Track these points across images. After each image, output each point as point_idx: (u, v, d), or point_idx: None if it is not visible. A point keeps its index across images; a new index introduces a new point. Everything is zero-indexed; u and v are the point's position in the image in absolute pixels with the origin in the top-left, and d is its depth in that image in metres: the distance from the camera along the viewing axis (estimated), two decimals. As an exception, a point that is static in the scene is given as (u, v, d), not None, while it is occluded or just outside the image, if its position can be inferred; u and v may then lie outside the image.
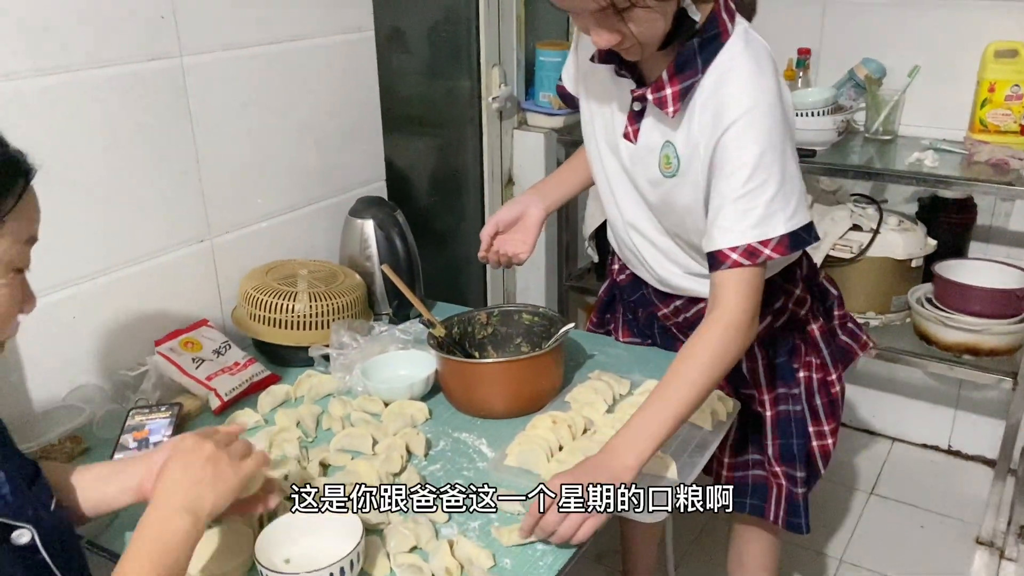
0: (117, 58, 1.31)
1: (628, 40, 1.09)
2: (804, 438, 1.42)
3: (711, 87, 1.12)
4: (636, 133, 1.23)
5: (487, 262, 1.47)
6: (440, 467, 1.19)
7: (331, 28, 1.69)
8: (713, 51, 1.12)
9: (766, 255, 1.10)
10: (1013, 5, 2.08)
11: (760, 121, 1.09)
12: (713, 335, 1.11)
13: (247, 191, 1.58)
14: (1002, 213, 2.26)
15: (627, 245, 1.39)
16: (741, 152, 1.09)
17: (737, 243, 1.11)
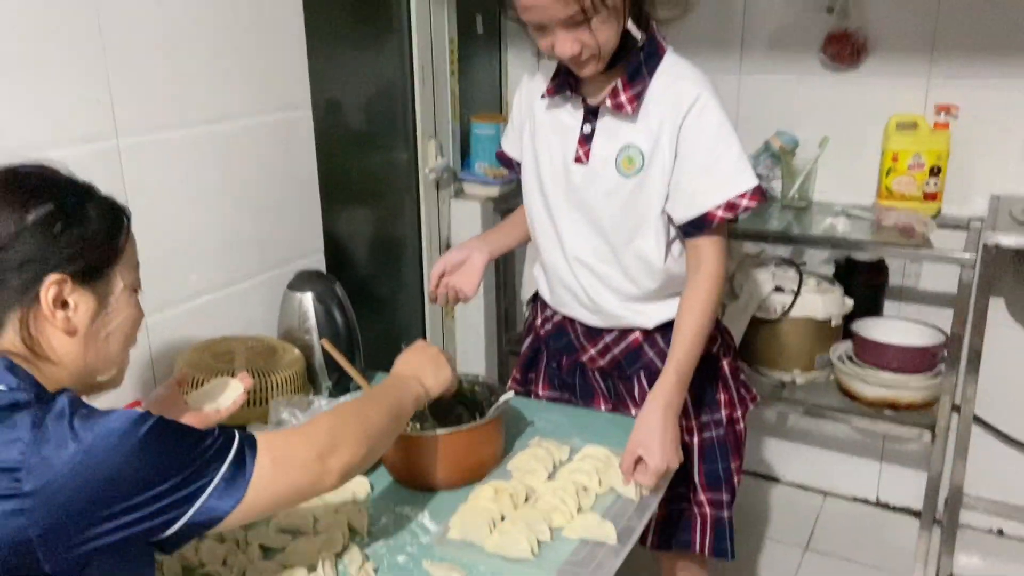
0: (52, 141, 1.32)
1: (587, 50, 1.27)
2: (727, 460, 1.54)
3: (661, 88, 1.34)
4: (588, 153, 1.40)
5: (434, 300, 1.60)
6: (383, 544, 1.19)
7: (268, 106, 1.73)
8: (655, 63, 1.36)
9: (744, 205, 1.33)
10: (911, 81, 2.25)
11: (711, 101, 1.33)
12: (704, 288, 1.36)
13: (182, 267, 1.58)
14: (912, 274, 2.39)
15: (565, 284, 1.51)
16: (704, 127, 1.32)
17: (719, 200, 1.32)
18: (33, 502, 0.77)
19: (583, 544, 1.15)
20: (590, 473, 1.29)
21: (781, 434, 2.70)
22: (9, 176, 0.88)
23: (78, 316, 0.89)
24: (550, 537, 1.16)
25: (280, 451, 0.92)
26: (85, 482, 0.78)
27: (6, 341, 0.87)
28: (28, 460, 0.77)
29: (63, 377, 0.90)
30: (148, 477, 0.82)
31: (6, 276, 0.84)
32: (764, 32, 2.39)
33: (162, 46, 1.48)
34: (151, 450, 0.82)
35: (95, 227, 0.90)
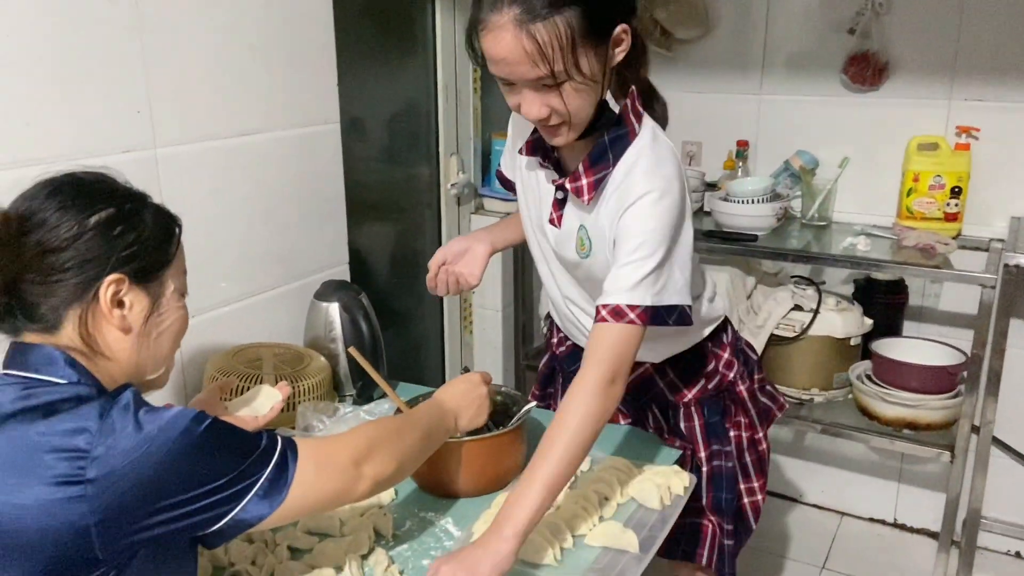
0: (93, 150, 1.36)
1: (556, 116, 1.17)
2: (734, 494, 1.53)
3: (620, 178, 1.23)
4: (560, 219, 1.34)
5: (434, 290, 1.52)
6: (408, 547, 1.21)
7: (298, 121, 1.77)
8: (623, 147, 1.24)
9: (629, 318, 1.17)
10: (932, 103, 2.27)
11: (655, 205, 1.19)
12: (581, 394, 1.16)
13: (213, 275, 1.62)
14: (932, 294, 2.40)
15: (566, 316, 1.49)
16: (633, 226, 1.19)
17: (608, 302, 1.19)
18: (95, 489, 0.80)
19: (605, 552, 1.17)
20: (611, 483, 1.31)
21: (798, 453, 2.70)
22: (72, 181, 0.93)
23: (133, 315, 0.93)
24: (572, 544, 1.18)
25: (323, 456, 0.97)
26: (145, 473, 0.82)
27: (64, 337, 0.90)
28: (94, 448, 0.81)
29: (116, 373, 0.94)
30: (202, 473, 0.85)
31: (68, 274, 0.88)
32: (785, 53, 2.42)
33: (199, 60, 1.53)
34: (207, 448, 0.86)
35: (150, 232, 0.95)
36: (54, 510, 0.79)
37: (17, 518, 0.79)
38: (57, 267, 0.88)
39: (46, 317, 0.89)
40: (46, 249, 0.87)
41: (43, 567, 0.80)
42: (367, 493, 1.01)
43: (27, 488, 0.80)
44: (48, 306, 0.89)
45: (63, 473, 0.80)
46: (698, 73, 2.53)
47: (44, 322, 0.90)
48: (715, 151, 2.55)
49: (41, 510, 0.79)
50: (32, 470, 0.80)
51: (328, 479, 0.96)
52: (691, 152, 2.61)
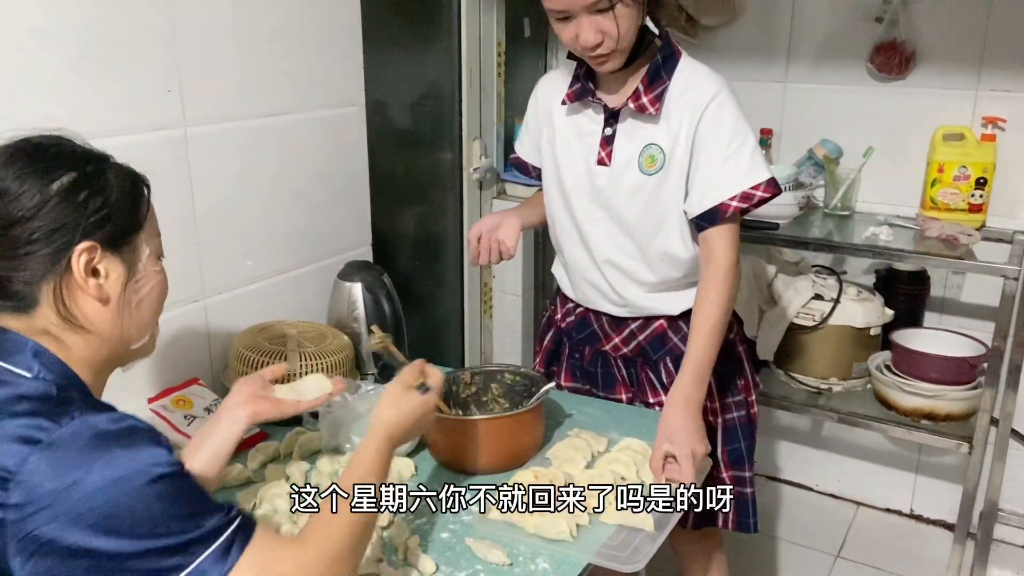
0: (125, 128, 1.39)
1: (608, 41, 1.32)
2: (750, 439, 1.60)
3: (679, 90, 1.40)
4: (610, 155, 1.45)
5: (475, 260, 1.61)
6: (426, 520, 1.23)
7: (325, 102, 1.79)
8: (672, 65, 1.42)
9: (759, 196, 1.38)
10: (959, 93, 2.25)
11: (727, 100, 1.38)
12: (717, 281, 1.39)
13: (239, 254, 1.65)
14: (954, 285, 2.39)
15: (592, 281, 1.56)
16: (720, 123, 1.37)
17: (735, 191, 1.37)
18: (14, 516, 0.74)
19: (620, 529, 1.19)
20: (628, 464, 1.33)
21: (815, 443, 2.70)
22: (27, 147, 0.86)
23: (110, 283, 0.89)
24: (588, 522, 1.20)
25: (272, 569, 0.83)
26: (65, 511, 0.73)
27: (41, 318, 0.86)
28: (23, 469, 0.74)
29: (95, 349, 0.89)
30: (130, 530, 0.75)
31: (36, 246, 0.83)
32: (811, 41, 2.41)
33: (229, 40, 1.55)
34: (147, 503, 0.76)
35: (117, 194, 0.89)
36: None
37: None
38: (23, 239, 0.83)
39: (20, 294, 0.85)
40: (11, 221, 0.82)
41: None
42: None
43: None
44: (20, 281, 0.84)
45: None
46: (723, 60, 2.51)
47: (18, 300, 0.85)
48: (738, 139, 2.54)
49: None
50: None
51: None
52: (714, 140, 2.60)
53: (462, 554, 1.15)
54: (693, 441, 1.30)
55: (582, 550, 1.14)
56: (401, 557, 1.14)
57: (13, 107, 1.24)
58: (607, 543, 1.16)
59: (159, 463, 0.78)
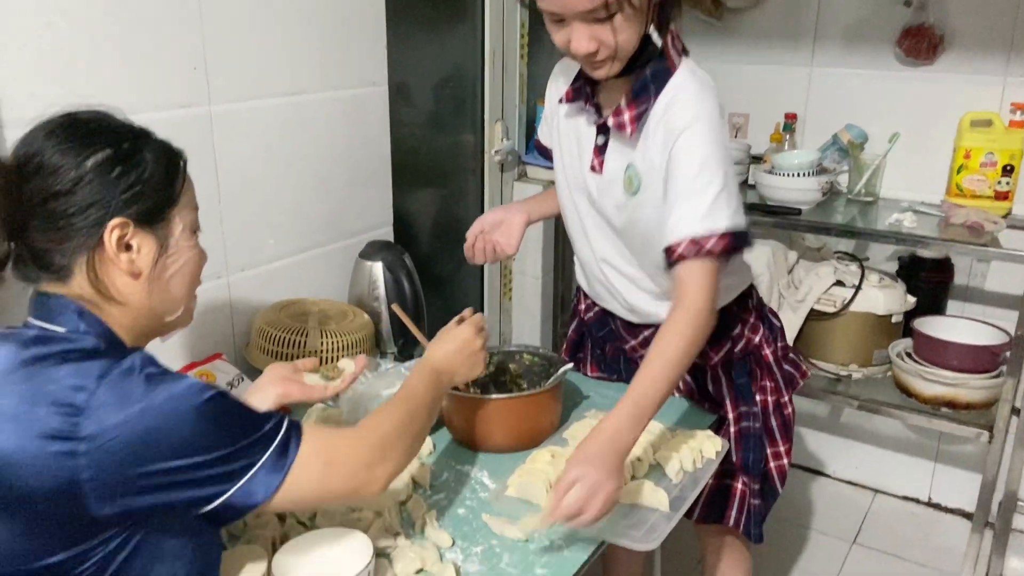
0: (151, 104, 1.41)
1: (604, 49, 1.20)
2: (760, 456, 1.55)
3: (662, 110, 1.26)
4: (601, 164, 1.37)
5: (471, 258, 1.57)
6: (444, 496, 1.25)
7: (348, 82, 1.80)
8: (663, 80, 1.27)
9: (708, 248, 1.20)
10: (987, 79, 2.22)
11: (705, 131, 1.23)
12: (681, 322, 1.21)
13: (261, 232, 1.67)
14: (978, 273, 2.36)
15: (599, 280, 1.51)
16: (689, 155, 1.22)
17: (683, 235, 1.21)
18: (88, 446, 0.79)
19: (636, 508, 1.20)
20: (643, 445, 1.33)
21: (833, 429, 2.69)
22: (66, 122, 0.89)
23: (141, 258, 0.91)
24: (604, 501, 1.21)
25: (334, 453, 0.94)
26: (137, 436, 0.80)
27: (75, 286, 0.89)
28: (89, 406, 0.79)
29: (131, 319, 0.92)
30: (198, 445, 0.83)
31: (71, 220, 0.86)
32: (838, 24, 2.38)
33: (254, 19, 1.56)
34: (207, 419, 0.84)
35: (152, 170, 0.91)
36: (49, 463, 0.79)
37: (17, 467, 0.79)
38: (60, 213, 0.86)
39: (57, 265, 0.88)
40: (48, 194, 0.85)
41: (44, 518, 0.80)
42: (379, 492, 0.99)
43: (26, 438, 0.79)
44: (58, 253, 0.87)
45: (56, 428, 0.79)
46: (748, 43, 2.50)
47: (56, 270, 0.88)
48: (762, 123, 2.53)
49: (38, 461, 0.79)
50: (33, 421, 0.80)
51: (338, 478, 0.94)
52: (737, 124, 2.58)
53: (478, 529, 1.17)
54: (604, 477, 1.09)
55: (597, 528, 1.15)
56: (419, 530, 1.16)
57: (40, 85, 1.26)
58: (622, 522, 1.17)
59: (209, 386, 0.86)
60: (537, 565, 1.09)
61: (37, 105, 1.24)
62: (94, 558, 0.83)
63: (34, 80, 1.25)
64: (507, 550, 1.12)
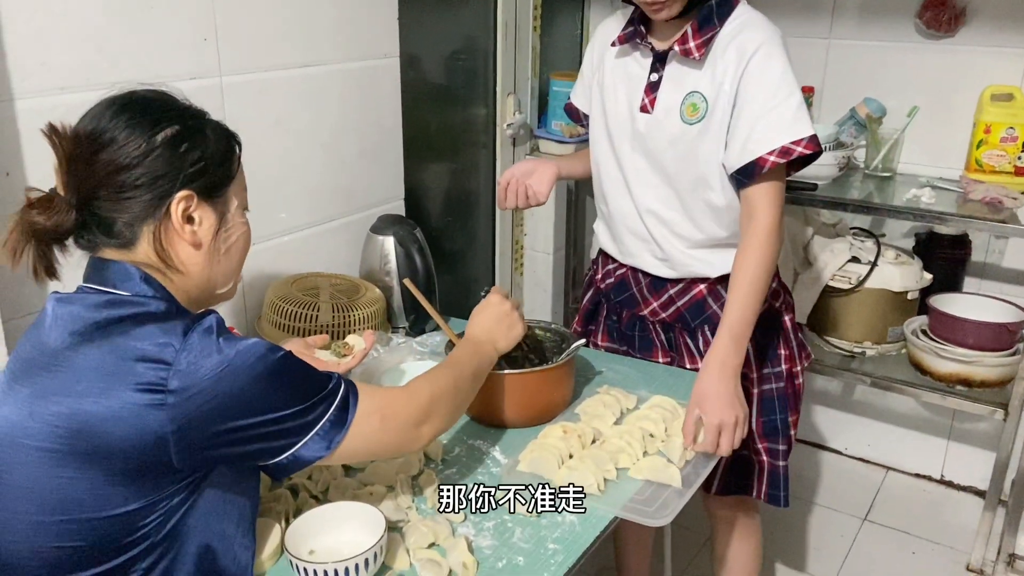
0: (161, 75, 1.39)
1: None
2: (785, 412, 1.57)
3: (729, 36, 1.36)
4: (653, 102, 1.42)
5: (503, 202, 1.61)
6: (456, 471, 1.25)
7: (359, 53, 1.78)
8: (727, 11, 1.37)
9: (799, 152, 1.32)
10: (1009, 51, 2.17)
11: (777, 49, 1.34)
12: (757, 241, 1.34)
13: (273, 205, 1.66)
14: (996, 250, 2.33)
15: (635, 231, 1.53)
16: (765, 73, 1.33)
17: (774, 145, 1.31)
18: (175, 399, 0.84)
19: (648, 484, 1.20)
20: (657, 421, 1.33)
21: (846, 406, 2.68)
22: (136, 99, 0.94)
23: (203, 230, 0.96)
24: (616, 476, 1.21)
25: (389, 409, 1.01)
26: (221, 391, 0.86)
27: (140, 253, 0.93)
28: (177, 361, 0.85)
29: (190, 287, 0.97)
30: (271, 402, 0.89)
31: (140, 191, 0.91)
32: (857, -5, 2.33)
33: (264, -11, 1.54)
34: (279, 378, 0.90)
35: (214, 148, 0.96)
36: (137, 414, 0.84)
37: (103, 420, 0.83)
38: (129, 184, 0.90)
39: (122, 233, 0.92)
40: (118, 166, 0.90)
41: (123, 469, 0.85)
42: (422, 448, 1.08)
43: (114, 392, 0.84)
44: (123, 222, 0.92)
45: (148, 381, 0.84)
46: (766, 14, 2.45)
47: (121, 238, 0.92)
48: (778, 97, 2.49)
49: (126, 413, 0.83)
50: (120, 375, 0.84)
51: (391, 433, 1.01)
52: (753, 97, 2.55)
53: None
54: (724, 409, 1.26)
55: (609, 504, 1.15)
56: (430, 505, 1.16)
57: (51, 55, 1.25)
58: (634, 497, 1.17)
59: (278, 347, 0.92)
60: (549, 540, 1.09)
61: (48, 75, 1.25)
62: (159, 510, 0.88)
63: (45, 50, 1.24)
64: (519, 525, 1.12)
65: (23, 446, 0.86)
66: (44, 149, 0.89)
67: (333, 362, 1.28)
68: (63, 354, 0.88)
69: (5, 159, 1.22)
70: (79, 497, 0.85)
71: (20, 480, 0.86)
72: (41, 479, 0.85)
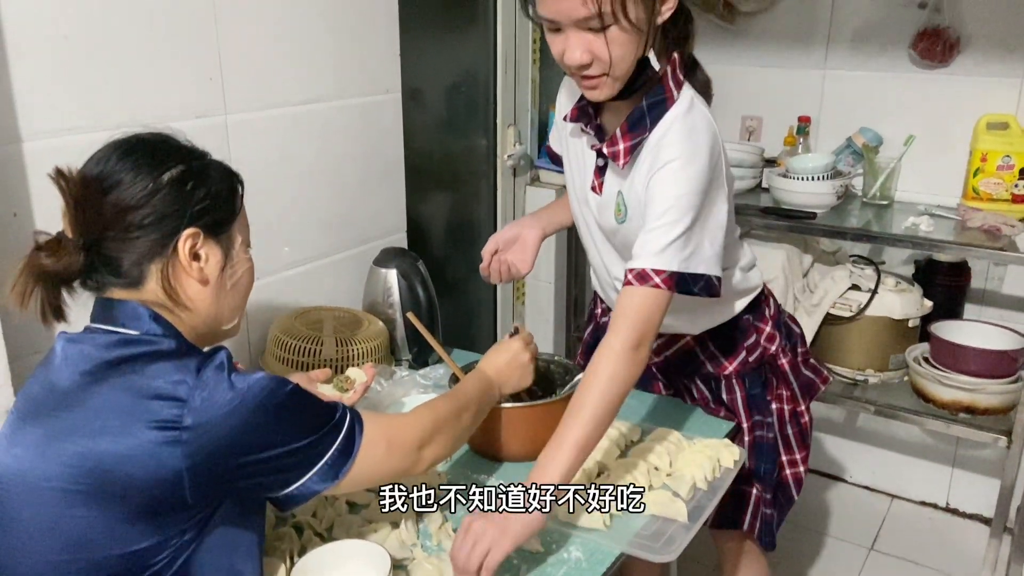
0: (169, 115, 1.41)
1: (598, 64, 1.17)
2: (774, 465, 1.55)
3: (654, 143, 1.24)
4: (601, 186, 1.37)
5: (487, 278, 1.58)
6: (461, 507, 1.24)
7: (361, 89, 1.80)
8: (659, 113, 1.24)
9: (653, 282, 1.18)
10: (1004, 81, 2.20)
11: (684, 170, 1.20)
12: (603, 361, 1.18)
13: (276, 240, 1.67)
14: (995, 277, 2.34)
15: (608, 284, 1.51)
16: (663, 190, 1.21)
17: (635, 266, 1.20)
18: (190, 436, 0.85)
19: (654, 519, 1.19)
20: (661, 454, 1.33)
21: (850, 434, 2.67)
22: (141, 142, 0.96)
23: (209, 266, 0.98)
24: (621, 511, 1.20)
25: (394, 434, 1.03)
26: (235, 427, 0.87)
27: (148, 292, 0.95)
28: (192, 399, 0.87)
29: (198, 323, 0.99)
30: (283, 435, 0.91)
31: (147, 230, 0.93)
32: (851, 27, 2.37)
33: (269, 29, 1.56)
34: (289, 412, 0.92)
35: (217, 186, 0.99)
36: (153, 452, 0.85)
37: (120, 458, 0.85)
38: (136, 224, 0.92)
39: (130, 272, 0.94)
40: (125, 207, 0.91)
41: (140, 507, 0.86)
42: (423, 472, 1.09)
43: (131, 430, 0.85)
44: (131, 261, 0.93)
45: (164, 418, 0.85)
46: (761, 47, 2.49)
47: (128, 277, 0.94)
48: (776, 127, 2.51)
49: (142, 451, 0.85)
50: (136, 413, 0.86)
51: (395, 458, 1.03)
52: (751, 127, 2.57)
53: (496, 540, 1.16)
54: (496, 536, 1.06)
55: (615, 539, 1.15)
56: (436, 543, 1.15)
57: (59, 96, 1.27)
58: (640, 533, 1.17)
59: (286, 380, 0.94)
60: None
61: (55, 115, 1.27)
62: (170, 547, 0.89)
63: (53, 91, 1.26)
64: (524, 561, 1.11)
65: (37, 487, 0.87)
66: (51, 190, 0.90)
67: (335, 397, 1.28)
68: (75, 394, 0.89)
69: (13, 200, 1.24)
70: (94, 536, 0.86)
71: (35, 520, 0.87)
72: (57, 519, 0.86)
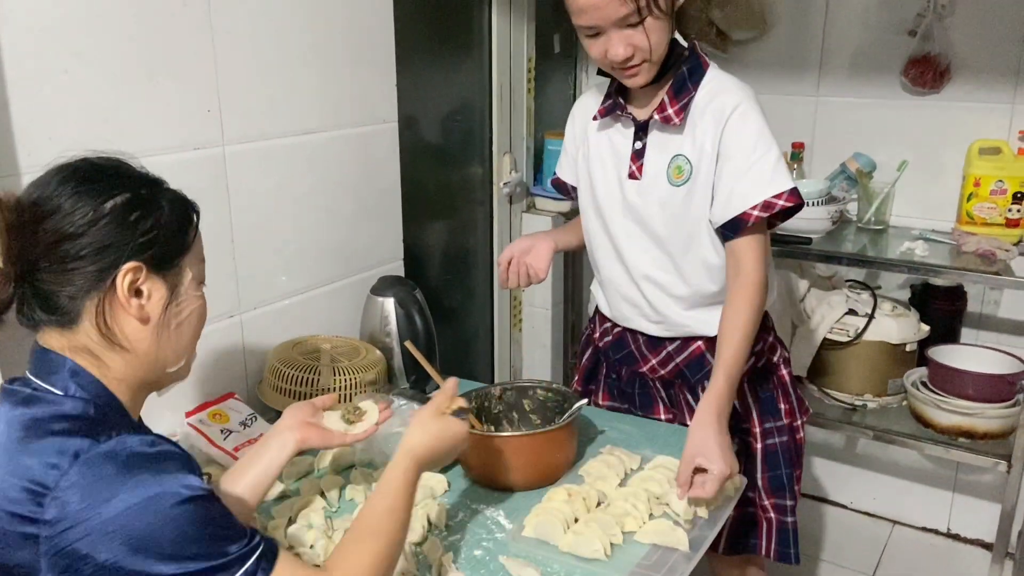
0: (167, 147, 1.42)
1: (639, 54, 1.33)
2: (790, 467, 1.57)
3: (704, 100, 1.40)
4: (640, 168, 1.46)
5: (506, 284, 1.62)
6: (460, 537, 1.23)
7: (358, 119, 1.81)
8: (699, 76, 1.42)
9: (780, 205, 1.36)
10: (995, 107, 2.22)
11: (752, 109, 1.38)
12: (746, 293, 1.37)
13: (274, 269, 1.67)
14: (991, 301, 2.35)
15: (628, 297, 1.55)
16: (743, 133, 1.37)
17: (756, 200, 1.35)
18: (48, 532, 0.76)
19: (655, 548, 1.18)
20: (661, 482, 1.32)
21: (849, 460, 2.66)
22: (86, 166, 0.89)
23: (151, 304, 0.89)
24: (622, 540, 1.20)
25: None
26: (96, 529, 0.76)
27: (82, 334, 0.87)
28: (59, 486, 0.77)
29: (134, 368, 0.90)
30: (158, 552, 0.77)
31: (83, 262, 0.84)
32: (843, 54, 2.39)
33: (266, 61, 1.58)
34: (173, 530, 0.78)
35: (167, 218, 0.90)
36: (9, 542, 0.78)
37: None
38: (73, 254, 0.84)
39: (64, 308, 0.86)
40: (62, 236, 0.84)
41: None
42: None
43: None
44: (65, 295, 0.85)
45: (23, 509, 0.78)
46: (754, 74, 2.50)
47: (62, 314, 0.86)
48: (769, 153, 2.53)
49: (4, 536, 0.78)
50: (4, 494, 0.79)
51: None
52: (745, 154, 2.59)
53: (496, 571, 1.15)
54: (729, 459, 1.24)
55: (616, 569, 1.14)
56: (435, 574, 1.14)
57: (58, 128, 1.27)
58: (641, 562, 1.15)
59: (188, 486, 0.80)
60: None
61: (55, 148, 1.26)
62: None
63: (52, 124, 1.26)
64: (526, 593, 1.10)
65: None
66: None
67: (340, 432, 1.22)
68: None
69: (10, 231, 1.23)
70: None
71: None
72: None
